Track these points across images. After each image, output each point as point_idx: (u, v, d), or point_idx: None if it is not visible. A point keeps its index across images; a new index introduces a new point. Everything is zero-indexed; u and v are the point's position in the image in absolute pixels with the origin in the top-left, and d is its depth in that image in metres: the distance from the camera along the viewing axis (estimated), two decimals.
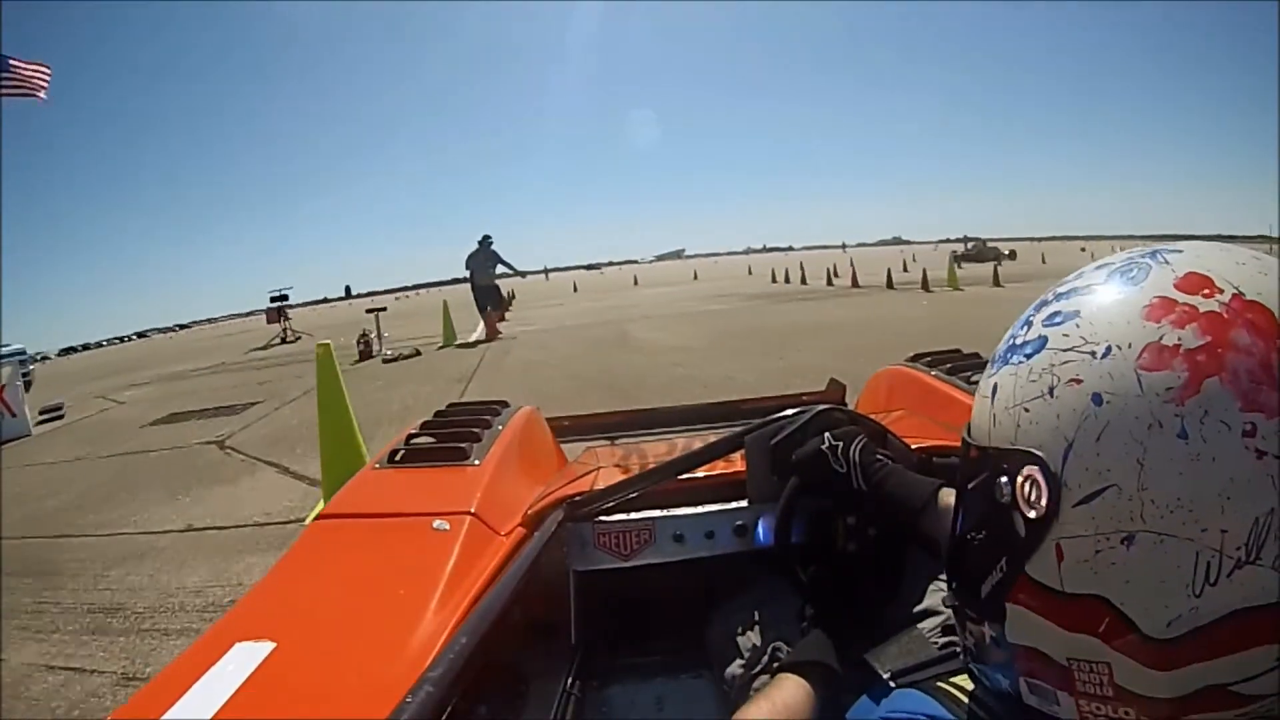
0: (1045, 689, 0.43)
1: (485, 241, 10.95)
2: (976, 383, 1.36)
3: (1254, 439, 0.36)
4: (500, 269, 11.16)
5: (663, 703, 0.99)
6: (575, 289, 28.63)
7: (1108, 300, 0.42)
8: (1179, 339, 0.38)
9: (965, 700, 0.48)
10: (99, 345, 65.22)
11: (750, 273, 31.63)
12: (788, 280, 21.72)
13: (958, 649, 0.66)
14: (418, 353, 9.57)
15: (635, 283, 30.02)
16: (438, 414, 1.62)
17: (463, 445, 1.29)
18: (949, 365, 1.54)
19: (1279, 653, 0.36)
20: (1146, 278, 0.41)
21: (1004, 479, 0.43)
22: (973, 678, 0.51)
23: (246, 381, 9.36)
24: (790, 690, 0.65)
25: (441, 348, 10.33)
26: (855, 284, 16.93)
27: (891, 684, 0.60)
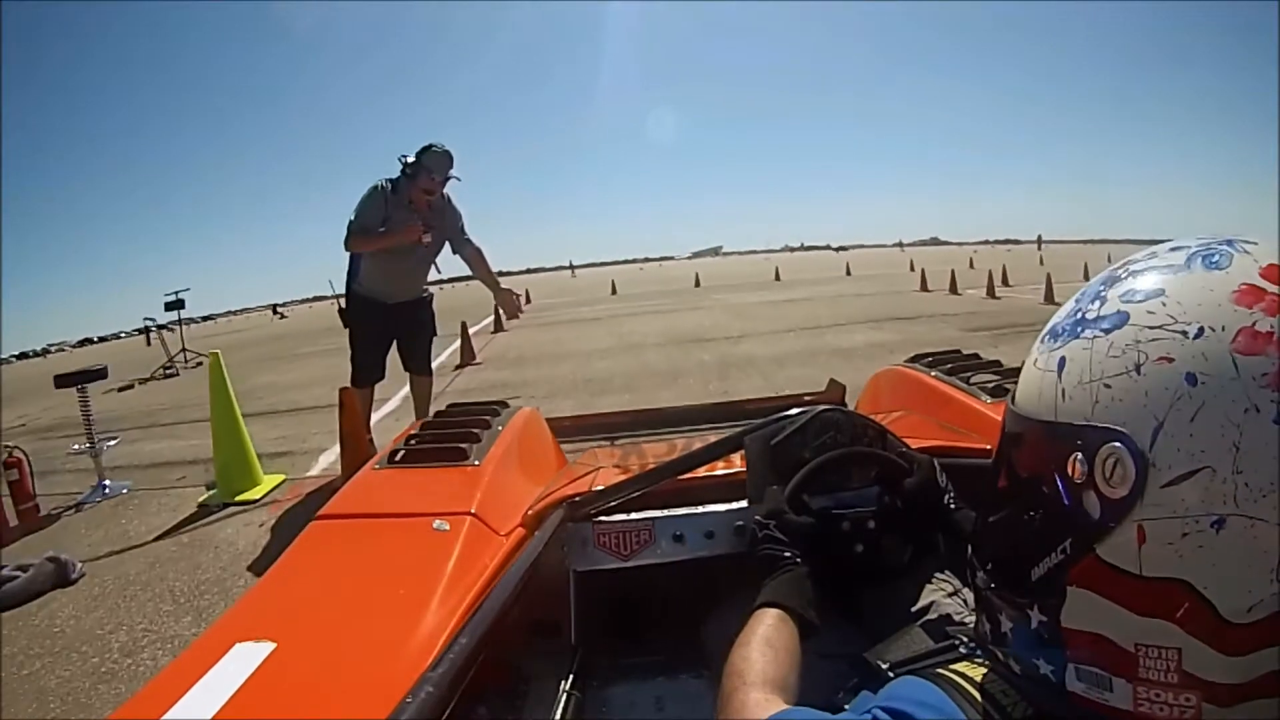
0: (1099, 674, 0.42)
1: (418, 170, 3.06)
2: (977, 383, 1.37)
3: None
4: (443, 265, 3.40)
5: (663, 703, 0.99)
6: (614, 290, 19.53)
7: (1193, 281, 0.42)
8: (1272, 326, 0.38)
9: (966, 686, 0.48)
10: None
11: (849, 273, 21.01)
12: (954, 289, 11.84)
13: (956, 642, 0.66)
14: (60, 573, 2.55)
15: (697, 284, 19.94)
16: (438, 414, 1.62)
17: (462, 446, 1.29)
18: (949, 365, 1.55)
19: None
20: (1231, 263, 0.41)
21: (1079, 456, 0.41)
22: (993, 663, 0.50)
23: None
24: (773, 625, 0.65)
25: (200, 512, 3.36)
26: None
27: (890, 674, 0.60)
